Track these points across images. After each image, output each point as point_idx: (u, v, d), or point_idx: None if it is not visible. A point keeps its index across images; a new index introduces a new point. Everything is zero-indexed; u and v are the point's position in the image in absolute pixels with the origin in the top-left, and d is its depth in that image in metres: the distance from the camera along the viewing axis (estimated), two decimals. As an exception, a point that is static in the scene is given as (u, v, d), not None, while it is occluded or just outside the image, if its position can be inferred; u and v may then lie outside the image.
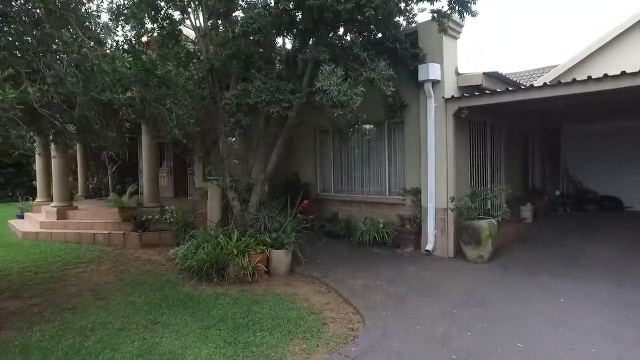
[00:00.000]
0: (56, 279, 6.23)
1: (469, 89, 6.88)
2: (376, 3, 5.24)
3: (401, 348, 3.72)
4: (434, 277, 5.82)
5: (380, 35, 6.89)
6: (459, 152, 7.03)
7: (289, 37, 7.16)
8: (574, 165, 11.91)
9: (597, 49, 10.66)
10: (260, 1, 6.27)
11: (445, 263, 6.53)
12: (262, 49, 6.71)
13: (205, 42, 6.90)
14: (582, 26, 35.90)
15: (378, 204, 8.13)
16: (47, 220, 9.81)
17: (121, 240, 8.49)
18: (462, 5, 6.01)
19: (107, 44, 4.89)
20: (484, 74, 6.83)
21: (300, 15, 5.98)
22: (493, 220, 6.53)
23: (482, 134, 8.13)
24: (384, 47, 6.74)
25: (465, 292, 5.15)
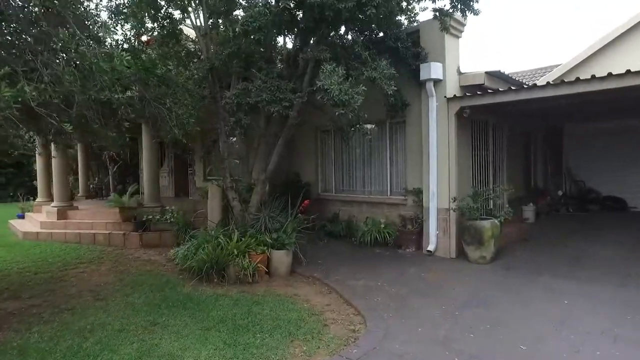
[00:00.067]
0: (56, 279, 6.21)
1: (471, 89, 6.83)
2: (377, 2, 5.21)
3: (403, 350, 3.68)
4: (435, 278, 5.78)
5: (381, 34, 6.85)
6: (461, 152, 6.98)
7: (289, 36, 7.13)
8: (577, 164, 11.81)
9: (600, 48, 10.58)
10: (260, 0, 6.24)
11: (447, 264, 6.49)
12: (263, 48, 6.67)
13: (206, 41, 6.87)
14: (585, 25, 35.83)
15: (379, 204, 8.09)
16: (48, 220, 9.80)
17: (121, 240, 8.47)
18: (465, 3, 5.97)
19: (107, 43, 4.86)
20: (486, 73, 6.79)
21: (301, 14, 5.94)
22: (495, 221, 6.49)
23: (484, 134, 8.07)
24: (385, 46, 6.70)
25: (468, 293, 5.11)
